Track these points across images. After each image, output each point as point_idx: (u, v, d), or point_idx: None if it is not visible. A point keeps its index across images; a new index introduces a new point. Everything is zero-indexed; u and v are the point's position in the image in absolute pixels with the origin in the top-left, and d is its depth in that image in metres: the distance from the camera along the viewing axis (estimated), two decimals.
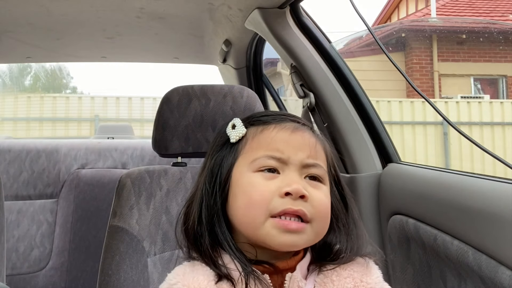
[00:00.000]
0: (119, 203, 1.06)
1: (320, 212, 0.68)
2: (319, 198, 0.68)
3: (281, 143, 0.70)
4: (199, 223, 0.70)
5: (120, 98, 8.64)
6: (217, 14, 1.60)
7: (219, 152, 0.75)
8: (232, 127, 0.75)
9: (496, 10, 8.63)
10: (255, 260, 0.68)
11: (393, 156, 1.29)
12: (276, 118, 0.74)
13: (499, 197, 0.81)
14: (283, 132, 0.71)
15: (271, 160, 0.69)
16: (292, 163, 0.69)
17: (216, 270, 0.67)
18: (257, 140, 0.72)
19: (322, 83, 1.33)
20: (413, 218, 1.04)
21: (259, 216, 0.66)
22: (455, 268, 0.89)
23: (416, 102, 6.80)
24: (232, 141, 0.74)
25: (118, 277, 0.97)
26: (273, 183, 0.67)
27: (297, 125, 0.73)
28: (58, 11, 1.58)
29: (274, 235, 0.65)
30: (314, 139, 0.72)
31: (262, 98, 2.13)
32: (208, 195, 0.71)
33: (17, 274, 1.95)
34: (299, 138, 0.71)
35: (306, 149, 0.70)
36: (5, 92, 10.35)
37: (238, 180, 0.70)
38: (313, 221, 0.67)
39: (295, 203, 0.65)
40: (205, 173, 0.74)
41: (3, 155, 2.06)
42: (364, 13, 1.17)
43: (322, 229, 0.69)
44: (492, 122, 6.72)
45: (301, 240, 0.66)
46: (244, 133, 0.73)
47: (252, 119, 0.76)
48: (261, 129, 0.73)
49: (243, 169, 0.70)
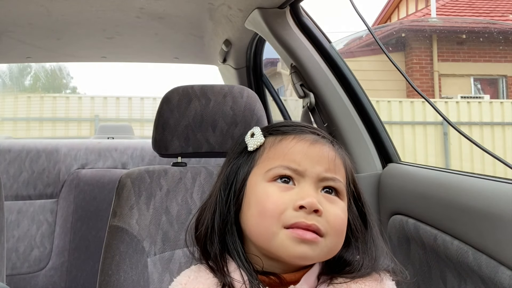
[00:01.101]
0: (119, 203, 1.06)
1: (335, 227, 0.65)
2: (335, 213, 0.66)
3: (299, 154, 0.68)
4: (211, 230, 0.70)
5: (120, 98, 8.65)
6: (217, 14, 1.60)
7: (236, 160, 0.74)
8: (251, 135, 0.74)
9: (496, 10, 8.63)
10: (261, 271, 0.67)
11: (393, 156, 1.29)
12: (296, 129, 0.72)
13: (499, 197, 0.81)
14: (302, 143, 0.69)
15: (286, 170, 0.67)
16: (308, 176, 0.67)
17: (221, 277, 0.66)
18: (274, 150, 0.70)
19: (322, 83, 1.33)
20: (413, 218, 1.04)
21: (271, 226, 0.64)
22: (455, 268, 0.89)
23: (416, 102, 6.80)
24: (249, 149, 0.73)
25: (118, 277, 0.97)
26: (287, 194, 0.66)
27: (317, 138, 0.71)
28: (58, 11, 1.58)
29: (288, 245, 0.63)
30: (334, 152, 0.70)
31: (262, 98, 2.13)
32: (222, 202, 0.70)
33: (17, 274, 1.95)
34: (318, 151, 0.69)
35: (325, 162, 0.68)
36: (5, 92, 10.35)
37: (253, 189, 0.69)
38: (327, 236, 0.65)
39: (308, 217, 0.64)
40: (220, 180, 0.73)
41: (3, 155, 2.06)
42: (364, 13, 1.17)
43: (336, 245, 0.67)
44: (492, 122, 6.73)
45: (313, 252, 0.64)
46: (262, 142, 0.72)
47: (271, 129, 0.75)
48: (280, 139, 0.71)
49: (258, 178, 0.69)
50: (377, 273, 0.69)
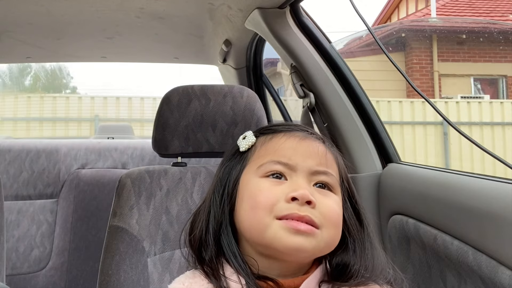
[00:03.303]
0: (119, 203, 1.06)
1: (330, 219, 0.65)
2: (329, 205, 0.66)
3: (289, 150, 0.69)
4: (205, 232, 0.70)
5: (120, 98, 8.65)
6: (217, 14, 1.60)
7: (228, 162, 0.75)
8: (242, 138, 0.76)
9: (496, 10, 8.63)
10: (257, 275, 0.66)
11: (393, 156, 1.29)
12: (286, 127, 0.74)
13: (499, 197, 0.81)
14: (292, 139, 0.70)
15: (277, 165, 0.68)
16: (300, 170, 0.67)
17: (216, 282, 0.65)
18: (265, 148, 0.72)
19: (322, 83, 1.33)
20: (413, 218, 1.04)
21: (264, 218, 0.64)
22: (455, 268, 0.89)
23: (416, 102, 6.80)
24: (241, 150, 0.74)
25: (118, 277, 0.97)
26: (279, 188, 0.66)
27: (306, 134, 0.72)
28: (58, 11, 1.58)
29: (281, 236, 0.63)
30: (324, 148, 0.71)
31: (262, 98, 2.13)
32: (216, 203, 0.71)
33: (17, 274, 1.95)
34: (308, 146, 0.70)
35: (315, 157, 0.69)
36: (5, 92, 10.35)
37: (246, 186, 0.69)
38: (323, 227, 0.64)
39: (301, 209, 0.64)
40: (214, 183, 0.75)
41: (3, 155, 2.06)
42: (364, 13, 1.17)
43: (333, 237, 0.66)
44: (492, 122, 6.73)
45: (309, 244, 0.63)
46: (253, 142, 0.74)
47: (263, 129, 0.77)
48: (270, 137, 0.73)
49: (250, 175, 0.70)
50: (380, 285, 0.68)
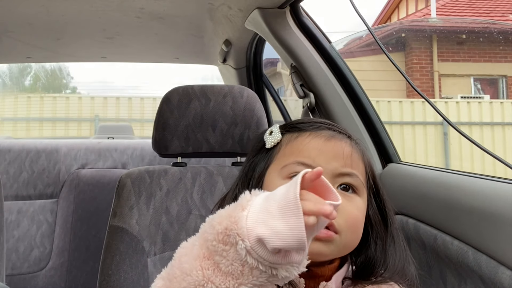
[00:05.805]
0: (119, 203, 1.06)
1: (349, 225, 0.65)
2: (349, 211, 0.66)
3: (314, 150, 0.68)
4: None
5: (120, 98, 8.65)
6: (217, 14, 1.60)
7: (254, 157, 0.75)
8: (269, 133, 0.75)
9: (496, 10, 8.63)
10: None
11: (393, 156, 1.29)
12: (312, 125, 0.73)
13: (499, 197, 0.81)
14: (317, 139, 0.69)
15: (300, 166, 0.67)
16: (324, 172, 0.65)
17: None
18: (290, 147, 0.71)
19: (322, 83, 1.33)
20: (413, 218, 1.04)
21: None
22: (455, 268, 0.89)
23: (416, 102, 6.80)
24: (267, 147, 0.74)
25: (118, 277, 0.97)
26: None
27: (333, 133, 0.71)
28: (58, 11, 1.58)
29: None
30: (350, 148, 0.70)
31: (262, 98, 2.13)
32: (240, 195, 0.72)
33: (17, 274, 1.95)
34: (333, 147, 0.69)
35: (340, 158, 0.68)
36: (5, 92, 10.35)
37: (269, 186, 0.69)
38: (342, 232, 0.64)
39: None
40: (239, 175, 0.75)
41: (3, 155, 2.06)
42: (364, 13, 1.17)
43: (352, 241, 0.67)
44: (492, 122, 6.73)
45: (328, 249, 0.64)
46: (279, 139, 0.73)
47: (289, 126, 0.76)
48: (296, 135, 0.72)
49: (274, 175, 0.70)
50: (398, 284, 0.68)
